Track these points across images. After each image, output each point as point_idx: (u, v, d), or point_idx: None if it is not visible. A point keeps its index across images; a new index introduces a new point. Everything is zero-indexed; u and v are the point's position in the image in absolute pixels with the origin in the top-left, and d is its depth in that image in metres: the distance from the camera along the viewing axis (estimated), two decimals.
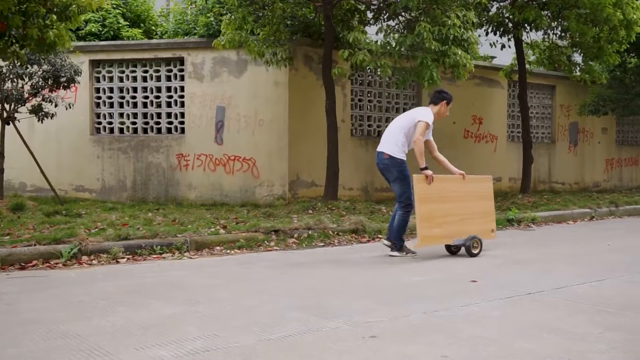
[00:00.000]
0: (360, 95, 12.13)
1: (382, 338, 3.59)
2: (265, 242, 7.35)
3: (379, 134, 12.44)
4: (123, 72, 11.61)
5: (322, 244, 7.56)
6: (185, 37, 12.20)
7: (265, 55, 10.12)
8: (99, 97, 11.71)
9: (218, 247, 7.01)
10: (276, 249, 7.20)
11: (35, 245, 6.24)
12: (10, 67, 9.65)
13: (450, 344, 3.47)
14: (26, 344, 3.45)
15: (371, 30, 10.71)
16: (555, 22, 12.62)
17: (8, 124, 9.88)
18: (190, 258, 6.59)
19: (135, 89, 11.54)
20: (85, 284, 5.21)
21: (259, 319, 4.00)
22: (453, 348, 3.40)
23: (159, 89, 11.48)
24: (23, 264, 5.92)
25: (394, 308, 4.33)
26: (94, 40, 12.25)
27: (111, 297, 4.68)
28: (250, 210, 9.54)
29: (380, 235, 8.01)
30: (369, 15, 11.00)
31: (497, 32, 12.85)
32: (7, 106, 9.84)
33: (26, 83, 9.93)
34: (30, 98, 9.98)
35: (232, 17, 9.74)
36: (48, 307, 4.38)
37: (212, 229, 7.52)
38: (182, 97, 11.34)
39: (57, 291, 4.92)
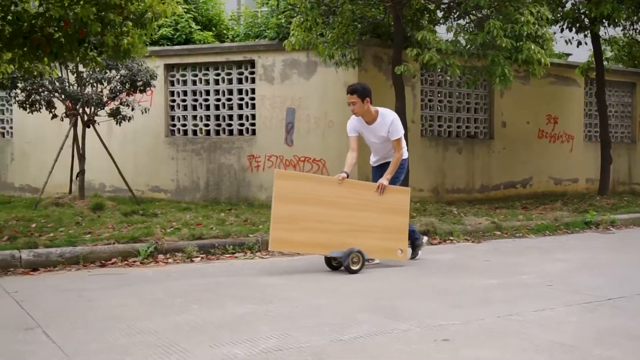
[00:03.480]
0: (430, 96, 12.00)
1: (455, 341, 3.54)
2: None
3: (450, 135, 12.29)
4: (196, 75, 11.88)
5: None
6: (256, 40, 12.37)
7: (334, 56, 10.15)
8: (174, 100, 12.03)
9: None
10: None
11: (114, 243, 6.47)
12: (90, 72, 10.05)
13: (525, 350, 3.39)
14: (107, 339, 3.59)
15: (441, 29, 10.58)
16: (635, 17, 12.11)
17: (88, 127, 10.29)
18: (262, 258, 6.69)
19: (207, 92, 11.80)
20: (162, 282, 5.37)
21: (330, 320, 4.02)
22: (529, 354, 3.32)
23: (230, 92, 11.69)
24: (103, 262, 6.15)
25: (466, 311, 4.27)
26: (167, 44, 12.59)
27: (186, 295, 4.80)
28: None
29: (452, 237, 7.90)
30: (439, 14, 10.87)
31: (573, 29, 12.45)
32: (87, 110, 10.24)
33: (105, 87, 10.31)
34: (108, 102, 10.35)
35: (302, 19, 9.82)
36: (127, 303, 4.54)
37: None
38: (253, 99, 11.51)
39: (135, 288, 5.09)
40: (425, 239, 6.86)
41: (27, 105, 10.18)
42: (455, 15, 10.49)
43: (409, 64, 9.77)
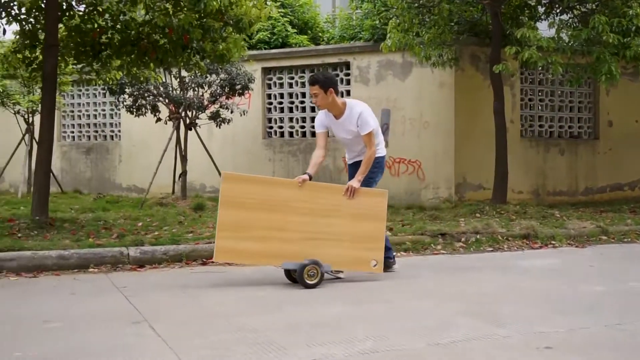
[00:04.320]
0: (530, 95, 11.61)
1: (558, 349, 3.41)
2: (432, 245, 7.27)
3: (551, 135, 11.85)
4: (292, 78, 12.07)
5: (491, 249, 7.33)
6: (351, 42, 12.42)
7: (431, 58, 10.02)
8: (270, 103, 12.27)
9: None
10: (443, 253, 7.10)
11: (214, 242, 6.65)
12: (192, 77, 10.43)
13: None
14: (208, 335, 3.70)
15: (542, 25, 10.22)
16: None
17: (190, 129, 10.69)
18: None
19: (304, 94, 11.95)
20: (260, 280, 5.48)
21: (427, 323, 3.97)
22: None
23: None
24: (204, 260, 6.34)
25: (571, 318, 4.10)
26: (264, 48, 12.86)
27: (285, 296, 4.89)
28: (416, 213, 9.49)
29: (553, 242, 7.62)
30: (540, 10, 10.50)
31: None
32: (189, 113, 10.64)
33: (206, 91, 10.67)
34: (209, 105, 10.70)
35: (398, 20, 9.77)
36: (227, 301, 4.67)
37: None
38: None
39: (234, 287, 5.23)
40: (396, 266, 5.85)
41: (134, 110, 10.69)
42: (557, 11, 10.11)
43: (508, 63, 9.51)
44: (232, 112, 10.75)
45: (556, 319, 4.08)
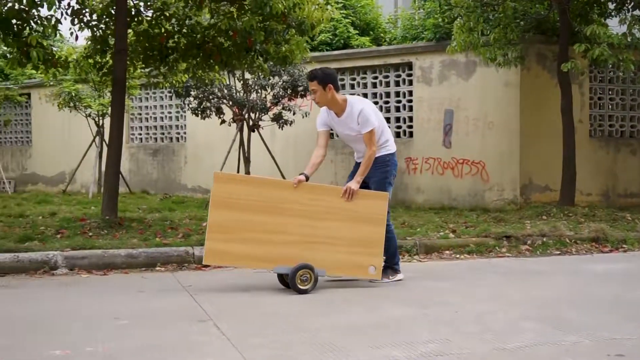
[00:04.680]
0: (600, 94, 11.24)
1: (630, 357, 3.28)
2: (497, 248, 7.13)
3: (622, 135, 11.44)
4: (354, 79, 12.07)
5: (558, 252, 7.13)
6: (413, 42, 12.33)
7: (496, 58, 9.84)
8: None
9: (447, 252, 6.96)
10: (508, 256, 6.95)
11: None
12: (255, 79, 10.56)
13: None
14: (271, 335, 3.74)
15: (612, 22, 9.88)
16: None
17: (253, 131, 10.83)
18: (420, 261, 6.64)
19: (365, 95, 11.91)
20: (324, 282, 5.50)
21: (492, 327, 3.89)
22: None
23: (388, 94, 11.74)
24: None
25: None
26: (326, 49, 12.91)
27: (345, 296, 4.89)
28: (480, 215, 9.33)
29: (624, 245, 7.35)
30: (610, 6, 10.15)
31: None
32: (252, 115, 10.78)
33: (268, 93, 10.79)
34: (271, 107, 10.82)
35: (463, 21, 9.63)
36: (289, 301, 4.70)
37: (441, 233, 7.50)
38: (410, 101, 11.47)
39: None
40: (401, 276, 5.51)
41: (199, 112, 10.91)
42: (629, 6, 9.75)
43: (577, 61, 9.23)
44: (294, 113, 10.84)
45: (627, 326, 3.93)
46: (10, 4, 6.90)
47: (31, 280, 5.49)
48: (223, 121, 10.98)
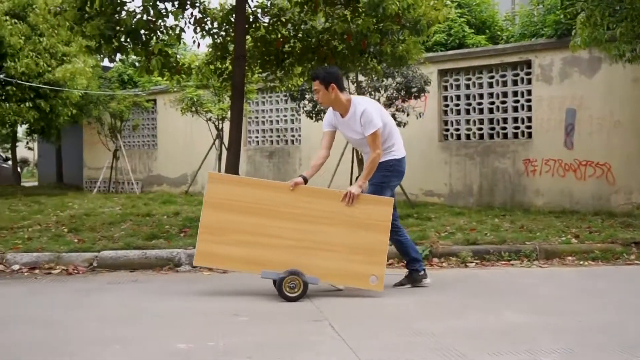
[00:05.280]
0: None
1: None
2: (624, 254, 6.72)
3: None
4: (469, 79, 11.81)
5: None
6: (532, 39, 11.88)
7: (625, 54, 9.27)
8: (447, 105, 12.10)
9: (570, 257, 6.65)
10: (637, 263, 6.54)
11: (390, 245, 6.67)
12: (369, 81, 10.58)
13: None
14: (386, 337, 3.73)
15: None
16: None
17: None
18: (540, 267, 6.38)
19: (481, 95, 11.64)
20: (437, 285, 5.41)
21: (621, 339, 3.67)
22: None
23: (504, 94, 11.38)
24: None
25: None
26: (441, 50, 12.71)
27: (462, 300, 4.79)
28: (605, 220, 8.83)
29: None
30: None
31: None
32: None
33: (382, 95, 10.77)
34: (385, 108, 10.79)
35: (587, 15, 9.16)
36: (404, 304, 4.67)
37: (563, 238, 7.17)
38: (528, 101, 11.07)
39: (412, 290, 5.21)
40: (428, 280, 5.32)
41: (314, 115, 11.07)
42: None
43: None
44: (408, 115, 10.75)
45: None
46: (139, 16, 7.33)
47: (158, 276, 5.80)
48: None
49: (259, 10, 8.29)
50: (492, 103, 11.50)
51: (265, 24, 8.34)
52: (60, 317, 4.23)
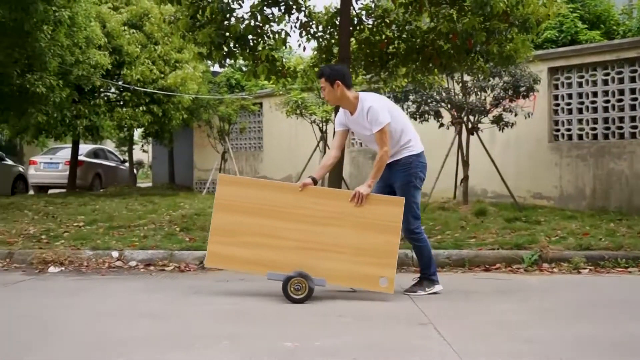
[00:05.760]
0: None
1: None
2: None
3: None
4: (582, 77, 11.28)
5: None
6: None
7: None
8: (557, 104, 11.62)
9: None
10: None
11: (498, 249, 6.53)
12: (474, 81, 10.36)
13: None
14: (494, 343, 3.62)
15: None
16: None
17: (472, 134, 10.62)
18: None
19: (595, 94, 11.09)
20: (547, 291, 5.22)
21: None
22: None
23: (621, 92, 10.79)
24: (487, 266, 6.26)
25: None
26: (551, 47, 12.24)
27: (575, 308, 4.59)
28: None
29: None
30: None
31: None
32: (471, 118, 10.58)
33: (488, 95, 10.51)
34: (491, 109, 10.52)
35: None
36: (512, 310, 4.53)
37: None
38: None
39: (520, 296, 5.05)
40: (439, 287, 5.10)
41: (417, 116, 10.97)
42: None
43: None
44: (515, 115, 10.43)
45: None
46: (247, 22, 7.55)
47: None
48: (441, 124, 10.93)
49: (364, 12, 8.31)
50: (607, 101, 10.93)
51: (370, 26, 8.35)
52: (172, 312, 4.43)
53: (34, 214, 9.52)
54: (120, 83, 15.29)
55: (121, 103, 15.81)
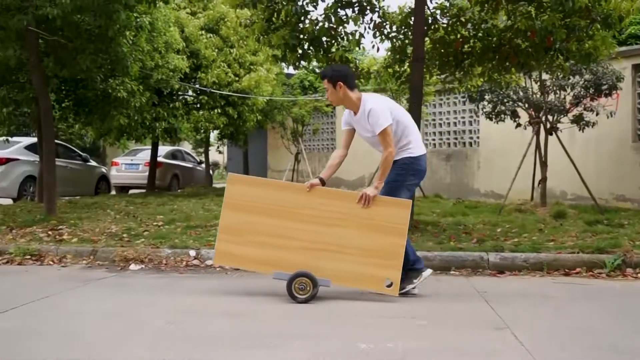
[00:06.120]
0: None
1: None
2: None
3: None
4: None
5: None
6: None
7: None
8: None
9: None
10: None
11: (578, 253, 6.32)
12: (553, 79, 10.06)
13: None
14: (575, 351, 3.51)
15: None
16: None
17: (551, 134, 10.32)
18: None
19: None
20: (631, 297, 5.02)
21: None
22: None
23: None
24: (566, 271, 6.06)
25: None
26: (635, 43, 11.73)
27: None
28: None
29: None
30: None
31: None
32: (550, 117, 10.28)
33: (568, 94, 10.18)
34: (571, 108, 10.19)
35: None
36: (593, 315, 4.38)
37: None
38: None
39: (601, 301, 4.87)
40: (428, 271, 5.05)
41: (493, 116, 10.76)
42: None
43: None
44: (597, 114, 10.06)
45: None
46: (321, 24, 7.60)
47: None
48: (518, 125, 10.68)
49: (438, 12, 8.21)
50: None
51: (444, 25, 8.24)
52: (246, 311, 4.50)
53: (116, 214, 9.89)
54: (197, 86, 15.68)
55: (198, 105, 16.22)
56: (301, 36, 7.69)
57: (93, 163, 17.10)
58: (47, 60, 9.54)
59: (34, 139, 13.71)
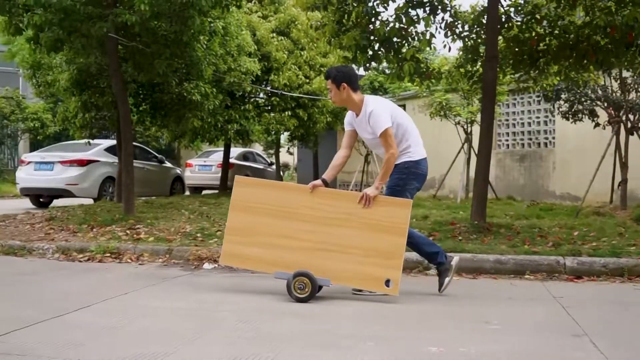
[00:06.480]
0: None
1: None
2: None
3: None
4: None
5: None
6: None
7: None
8: None
9: None
10: None
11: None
12: (635, 77, 9.66)
13: None
14: None
15: None
16: None
17: (632, 134, 9.91)
18: None
19: None
20: None
21: None
22: None
23: None
24: None
25: None
26: None
27: None
28: None
29: None
30: None
31: None
32: (631, 116, 9.88)
33: None
34: None
35: None
36: None
37: None
38: None
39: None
40: (456, 259, 5.15)
41: (570, 115, 10.43)
42: None
43: None
44: None
45: None
46: (392, 24, 7.56)
47: (407, 278, 5.90)
48: (597, 124, 10.30)
49: (512, 9, 8.03)
50: None
51: (519, 23, 8.05)
52: (315, 311, 4.52)
53: (190, 214, 10.13)
54: (268, 88, 15.89)
55: (269, 108, 16.43)
56: (372, 37, 7.67)
57: (168, 164, 17.59)
58: (125, 65, 9.90)
59: (113, 142, 14.23)
